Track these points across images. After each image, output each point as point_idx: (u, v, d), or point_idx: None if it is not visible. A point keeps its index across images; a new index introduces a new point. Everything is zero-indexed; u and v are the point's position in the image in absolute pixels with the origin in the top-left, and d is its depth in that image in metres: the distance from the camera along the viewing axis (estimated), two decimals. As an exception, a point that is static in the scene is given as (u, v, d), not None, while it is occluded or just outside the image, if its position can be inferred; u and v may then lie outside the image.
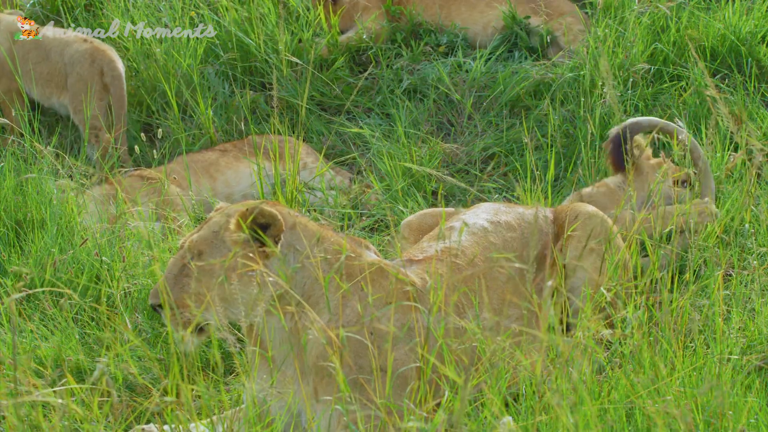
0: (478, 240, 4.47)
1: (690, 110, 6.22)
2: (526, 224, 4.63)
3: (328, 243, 4.05)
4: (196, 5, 7.24)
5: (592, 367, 3.75)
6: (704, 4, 6.95)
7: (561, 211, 4.73)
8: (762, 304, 4.41)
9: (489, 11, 7.22)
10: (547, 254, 4.53)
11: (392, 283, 4.04)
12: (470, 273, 4.28)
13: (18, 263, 4.99)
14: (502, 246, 4.48)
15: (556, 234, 4.68)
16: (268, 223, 3.93)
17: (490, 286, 4.32)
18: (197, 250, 3.96)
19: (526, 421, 3.53)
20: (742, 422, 3.56)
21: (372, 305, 3.96)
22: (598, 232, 4.51)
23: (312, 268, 3.98)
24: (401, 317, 4.00)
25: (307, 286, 3.98)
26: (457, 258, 4.31)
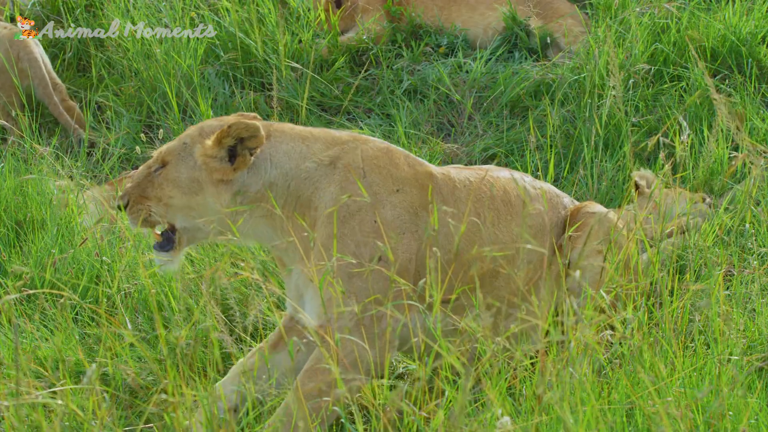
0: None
1: (690, 111, 6.22)
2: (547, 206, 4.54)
3: (312, 141, 4.06)
4: (196, 6, 7.24)
5: (592, 367, 3.75)
6: (704, 5, 6.96)
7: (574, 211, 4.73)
8: (762, 304, 4.40)
9: (489, 13, 7.23)
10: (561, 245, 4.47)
11: (403, 169, 4.02)
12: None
13: (18, 263, 4.99)
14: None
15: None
16: (250, 136, 3.97)
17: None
18: (163, 160, 4.06)
19: (526, 422, 3.52)
20: (743, 423, 3.55)
21: (379, 192, 3.96)
22: (607, 232, 4.48)
23: (297, 169, 4.01)
24: (408, 206, 3.99)
25: (292, 187, 4.01)
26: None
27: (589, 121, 6.14)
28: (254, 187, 4.02)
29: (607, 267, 4.32)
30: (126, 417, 3.98)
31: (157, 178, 4.05)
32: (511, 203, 4.25)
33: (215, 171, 3.99)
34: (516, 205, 4.26)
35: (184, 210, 4.04)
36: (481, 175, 4.26)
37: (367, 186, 3.98)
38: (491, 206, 4.19)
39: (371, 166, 4.03)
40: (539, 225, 4.36)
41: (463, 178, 4.20)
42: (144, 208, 4.03)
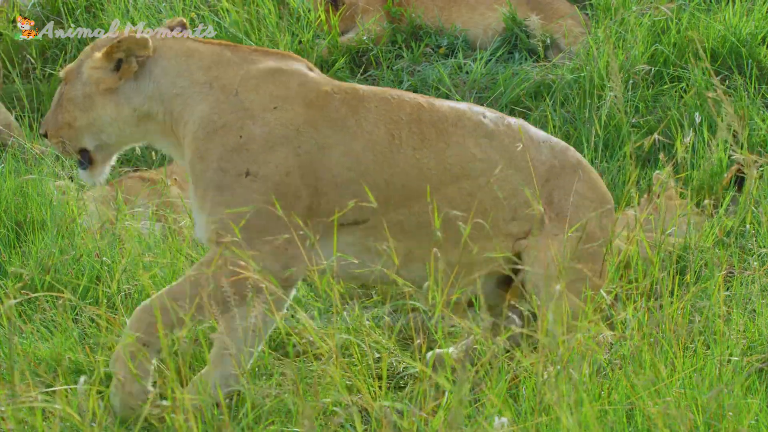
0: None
1: (690, 111, 6.22)
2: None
3: (199, 57, 4.08)
4: (196, 6, 7.24)
5: (592, 368, 3.75)
6: (704, 6, 6.95)
7: None
8: (762, 305, 4.40)
9: (489, 13, 7.23)
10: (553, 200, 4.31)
11: (288, 89, 3.99)
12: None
13: (18, 264, 4.99)
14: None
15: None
16: (140, 48, 4.04)
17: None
18: (65, 80, 4.18)
19: (526, 422, 3.52)
20: (743, 424, 3.55)
21: (251, 109, 3.96)
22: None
23: (171, 85, 4.06)
24: (286, 123, 3.96)
25: (165, 102, 4.07)
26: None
27: (588, 122, 6.14)
28: (137, 100, 4.10)
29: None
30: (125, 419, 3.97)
31: (62, 101, 4.18)
32: (446, 131, 4.11)
33: (101, 81, 4.08)
34: (455, 133, 4.12)
35: (87, 129, 4.17)
36: (409, 99, 4.15)
37: (237, 103, 3.98)
38: (414, 130, 4.07)
39: (247, 85, 4.02)
40: (510, 158, 4.19)
41: (378, 100, 4.10)
42: (58, 140, 4.20)
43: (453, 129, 4.13)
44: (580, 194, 4.27)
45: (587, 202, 4.27)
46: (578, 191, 4.26)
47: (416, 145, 4.06)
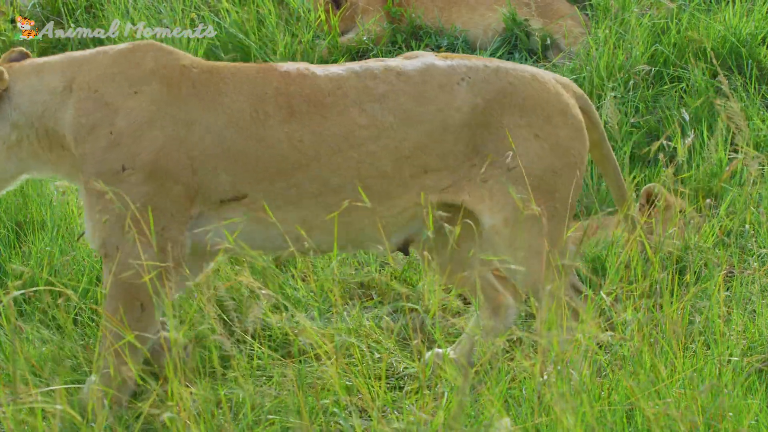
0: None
1: (690, 111, 6.22)
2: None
3: (50, 68, 4.05)
4: (196, 6, 7.24)
5: (592, 368, 3.75)
6: (704, 6, 6.95)
7: None
8: (763, 305, 4.40)
9: (489, 14, 7.23)
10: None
11: (144, 67, 3.96)
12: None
13: (18, 264, 4.99)
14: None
15: None
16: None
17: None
18: None
19: (526, 423, 3.52)
20: (743, 424, 3.55)
21: (113, 101, 3.94)
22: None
23: (33, 104, 4.01)
24: (149, 104, 3.95)
25: (36, 124, 4.03)
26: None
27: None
28: (3, 131, 4.04)
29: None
30: (125, 418, 3.98)
31: None
32: (322, 103, 4.02)
33: None
34: (334, 104, 4.03)
35: None
36: (280, 72, 4.08)
37: (99, 99, 3.95)
38: (281, 103, 4.00)
39: (103, 76, 3.98)
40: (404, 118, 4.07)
41: (240, 75, 4.05)
42: None
43: (330, 99, 4.03)
44: (532, 113, 4.10)
45: (540, 124, 4.11)
46: (524, 113, 4.10)
47: (284, 118, 3.99)
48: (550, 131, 4.10)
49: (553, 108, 4.12)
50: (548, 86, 4.16)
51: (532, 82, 4.13)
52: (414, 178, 4.05)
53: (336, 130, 4.01)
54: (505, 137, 4.04)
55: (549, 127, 4.10)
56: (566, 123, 4.13)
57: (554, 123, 4.10)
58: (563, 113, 4.14)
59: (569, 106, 4.16)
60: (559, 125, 4.11)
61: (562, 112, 4.14)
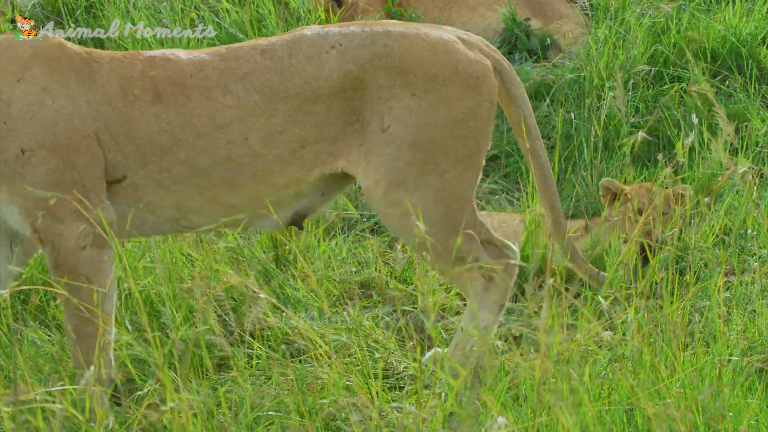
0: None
1: (690, 112, 6.22)
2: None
3: None
4: (196, 6, 7.24)
5: (591, 368, 3.75)
6: (704, 6, 6.95)
7: None
8: (763, 305, 4.40)
9: (489, 14, 7.22)
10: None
11: (22, 54, 4.04)
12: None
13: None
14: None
15: None
16: None
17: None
18: None
19: (527, 423, 3.52)
20: (743, 424, 3.55)
21: (2, 93, 3.99)
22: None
23: None
24: (34, 89, 4.00)
25: None
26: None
27: (588, 122, 6.14)
28: None
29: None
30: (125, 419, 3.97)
31: None
32: (185, 85, 4.04)
33: None
34: (197, 86, 4.04)
35: None
36: (145, 56, 4.11)
37: None
38: (146, 86, 4.03)
39: None
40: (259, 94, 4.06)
41: (112, 59, 4.09)
42: None
43: (193, 81, 4.06)
44: (417, 75, 4.05)
45: (419, 83, 4.05)
46: (410, 75, 4.05)
47: (151, 100, 4.03)
48: (433, 89, 4.06)
49: (440, 66, 4.07)
50: (434, 44, 4.10)
51: (414, 42, 4.09)
52: (292, 154, 4.06)
53: (201, 112, 4.03)
54: (383, 98, 4.03)
55: (432, 85, 4.06)
56: (454, 80, 4.08)
57: (439, 80, 4.05)
58: (452, 70, 4.08)
59: (462, 62, 4.09)
60: (446, 82, 4.06)
61: (451, 68, 4.08)
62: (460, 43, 4.15)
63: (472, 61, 4.12)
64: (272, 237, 5.16)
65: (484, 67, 4.14)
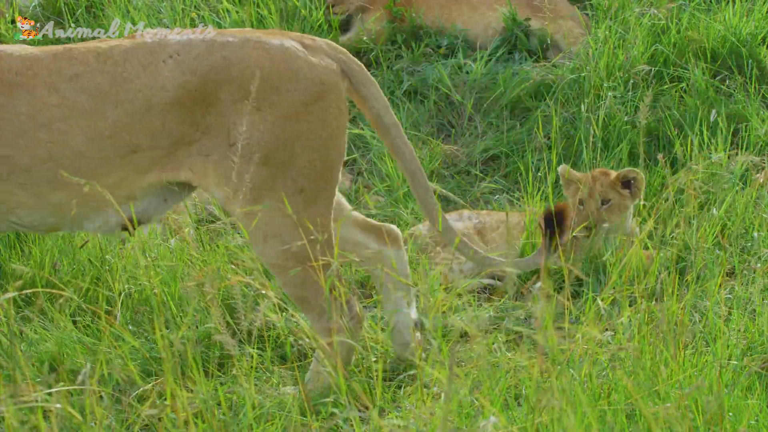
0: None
1: (690, 111, 6.22)
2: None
3: None
4: (196, 6, 7.24)
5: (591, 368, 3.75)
6: (704, 6, 6.95)
7: None
8: (764, 305, 4.40)
9: (490, 13, 7.22)
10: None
11: None
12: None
13: (18, 264, 4.99)
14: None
15: None
16: None
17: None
18: None
19: (527, 422, 3.52)
20: (743, 424, 3.55)
21: None
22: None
23: None
24: None
25: None
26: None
27: (587, 122, 6.14)
28: None
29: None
30: (125, 419, 3.98)
31: None
32: (11, 82, 3.97)
33: None
34: (22, 84, 3.97)
35: None
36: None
37: None
38: None
39: None
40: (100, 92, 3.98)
41: None
42: None
43: (19, 79, 3.99)
44: (265, 86, 3.97)
45: (262, 96, 3.97)
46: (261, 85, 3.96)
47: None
48: (277, 101, 3.99)
49: (281, 76, 4.00)
50: (274, 53, 4.03)
51: (251, 54, 4.01)
52: (122, 158, 4.00)
53: (22, 109, 3.97)
54: (225, 113, 3.97)
55: (275, 96, 3.99)
56: (298, 89, 4.01)
57: (281, 91, 3.99)
58: (294, 80, 4.01)
59: (304, 69, 4.02)
60: (289, 93, 4.00)
61: (292, 79, 4.01)
62: (302, 49, 4.06)
63: (315, 66, 4.04)
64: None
65: (329, 72, 4.06)
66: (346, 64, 4.15)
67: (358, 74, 4.18)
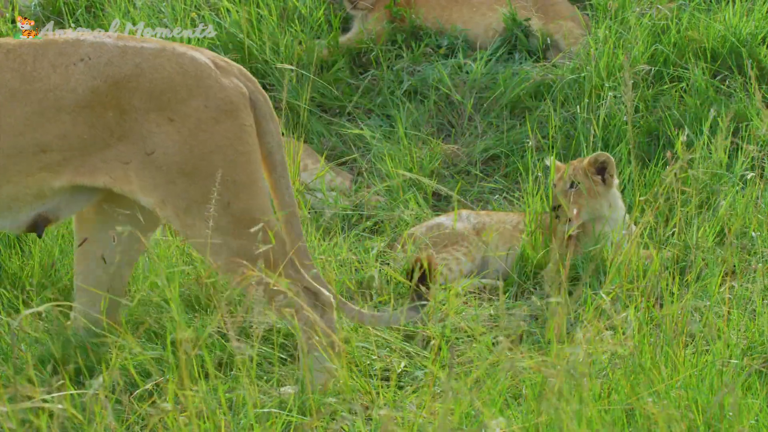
0: None
1: (690, 111, 6.22)
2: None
3: None
4: (196, 6, 7.24)
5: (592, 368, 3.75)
6: (704, 6, 6.96)
7: None
8: (764, 305, 4.40)
9: (490, 14, 7.23)
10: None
11: None
12: None
13: (18, 264, 4.99)
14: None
15: None
16: None
17: None
18: None
19: (527, 422, 3.52)
20: (743, 424, 3.55)
21: None
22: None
23: None
24: None
25: None
26: None
27: (587, 122, 6.14)
28: None
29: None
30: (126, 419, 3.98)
31: None
32: None
33: None
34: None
35: None
36: None
37: None
38: None
39: None
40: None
41: None
42: None
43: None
44: (167, 90, 3.95)
45: (175, 107, 3.97)
46: (163, 88, 3.95)
47: None
48: (188, 114, 3.98)
49: (192, 90, 3.99)
50: (186, 67, 4.02)
51: (164, 64, 4.00)
52: (32, 156, 3.97)
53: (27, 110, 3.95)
54: (140, 121, 3.96)
55: (187, 109, 3.98)
56: (209, 105, 3.99)
57: (193, 106, 3.98)
58: (204, 95, 4.00)
59: (214, 87, 4.02)
60: (199, 108, 3.99)
61: (203, 94, 4.00)
62: (213, 68, 4.06)
63: (225, 86, 4.04)
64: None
65: (239, 94, 4.07)
66: (254, 93, 4.15)
67: (262, 107, 4.17)
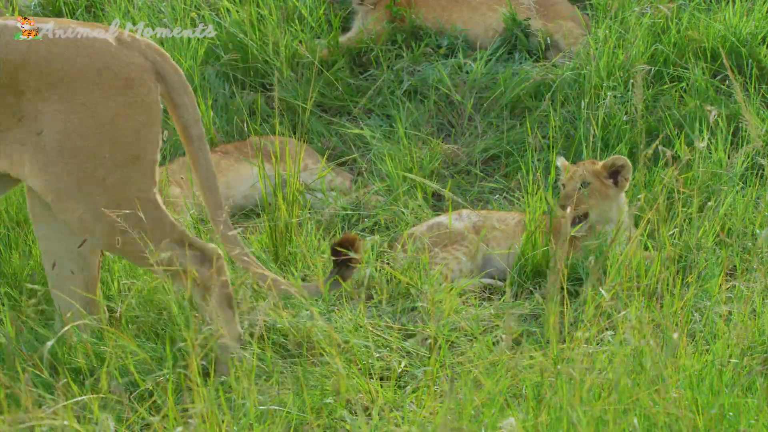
0: None
1: (690, 111, 6.22)
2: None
3: None
4: (196, 6, 7.25)
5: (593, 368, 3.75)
6: (704, 6, 6.96)
7: None
8: (765, 305, 4.40)
9: (490, 14, 7.23)
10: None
11: None
12: None
13: (18, 264, 4.99)
14: None
15: None
16: None
17: None
18: None
19: (528, 422, 3.53)
20: (743, 424, 3.56)
21: None
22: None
23: None
24: None
25: None
26: None
27: (587, 122, 6.15)
28: None
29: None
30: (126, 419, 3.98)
31: None
32: None
33: None
34: None
35: None
36: None
37: None
38: None
39: None
40: None
41: None
42: None
43: None
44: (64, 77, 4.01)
45: (65, 86, 4.00)
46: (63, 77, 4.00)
47: None
48: (77, 92, 4.01)
49: (84, 67, 4.02)
50: (82, 45, 4.06)
51: (59, 42, 4.05)
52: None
53: None
54: (34, 101, 3.98)
55: (76, 87, 4.01)
56: (101, 82, 4.03)
57: (83, 83, 4.00)
58: (98, 71, 4.03)
59: (110, 64, 4.04)
60: (89, 86, 4.02)
61: (96, 70, 4.03)
62: (114, 44, 4.09)
63: (123, 62, 4.06)
64: (272, 236, 5.17)
65: (139, 69, 4.08)
66: (163, 68, 4.17)
67: (174, 81, 4.20)
